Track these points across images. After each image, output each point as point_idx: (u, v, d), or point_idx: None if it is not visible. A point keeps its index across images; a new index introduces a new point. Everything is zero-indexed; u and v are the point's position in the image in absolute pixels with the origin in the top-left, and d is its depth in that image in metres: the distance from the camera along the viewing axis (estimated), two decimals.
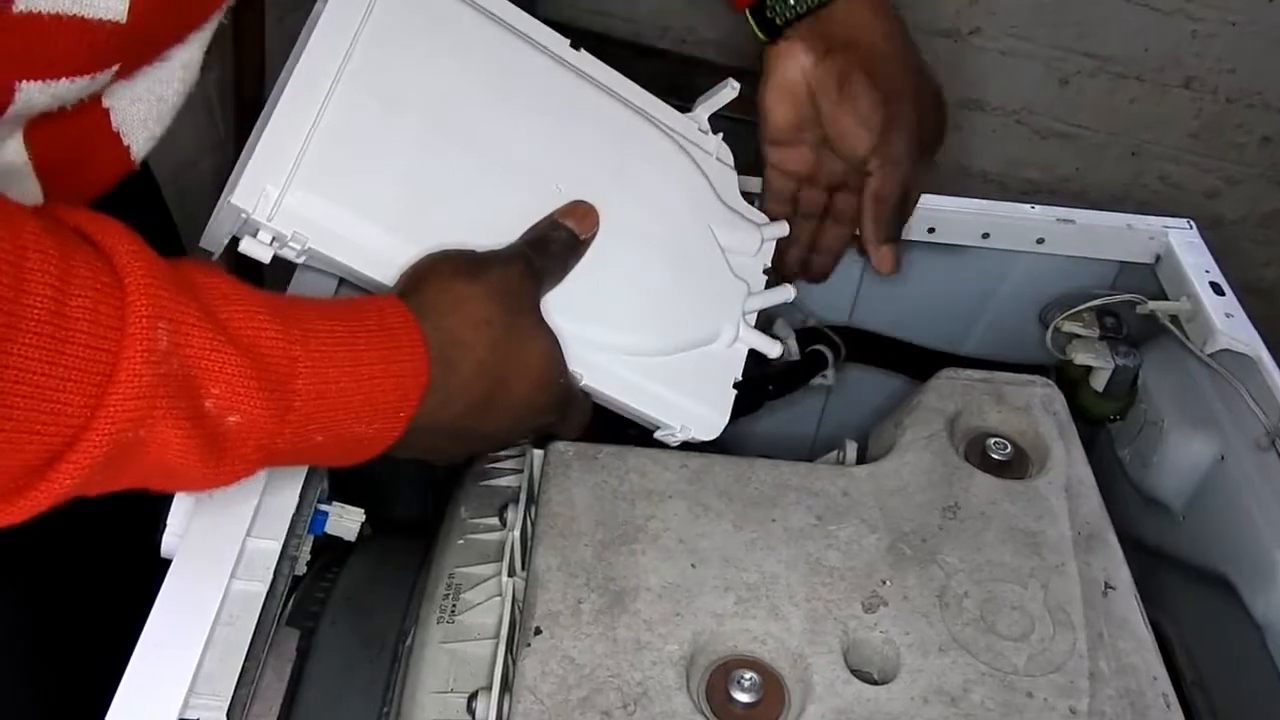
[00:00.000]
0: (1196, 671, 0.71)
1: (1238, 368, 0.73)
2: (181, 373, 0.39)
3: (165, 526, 0.52)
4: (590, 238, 0.61)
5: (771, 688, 0.55)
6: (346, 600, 0.71)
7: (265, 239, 0.54)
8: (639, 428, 0.68)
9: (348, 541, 0.61)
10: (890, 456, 0.68)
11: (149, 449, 0.40)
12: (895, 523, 0.63)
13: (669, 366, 0.65)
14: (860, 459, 0.72)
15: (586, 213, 0.61)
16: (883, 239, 0.72)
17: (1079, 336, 0.82)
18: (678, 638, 0.56)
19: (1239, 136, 1.64)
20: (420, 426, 0.50)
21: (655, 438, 0.67)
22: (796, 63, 0.67)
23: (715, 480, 0.65)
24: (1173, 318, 0.78)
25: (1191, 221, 0.84)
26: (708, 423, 0.67)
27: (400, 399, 0.48)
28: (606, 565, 0.59)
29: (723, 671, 0.56)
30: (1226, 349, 0.73)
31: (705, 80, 0.75)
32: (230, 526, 0.51)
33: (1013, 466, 0.69)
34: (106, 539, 0.68)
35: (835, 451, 0.73)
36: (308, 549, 0.58)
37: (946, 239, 0.82)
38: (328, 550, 0.72)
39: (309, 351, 0.44)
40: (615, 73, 0.67)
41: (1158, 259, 0.82)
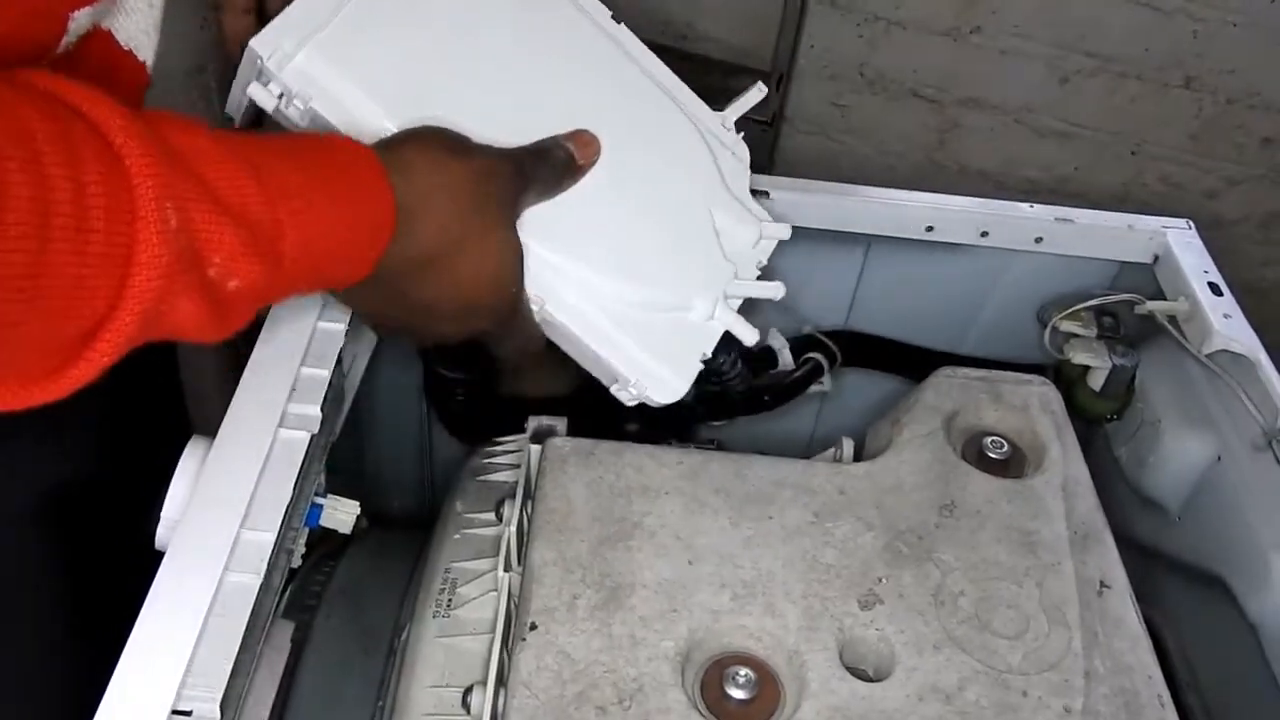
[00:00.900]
0: (1191, 671, 0.71)
1: (1235, 368, 0.73)
2: (190, 247, 0.42)
3: (159, 518, 0.52)
4: (587, 166, 0.62)
5: (767, 684, 0.55)
6: (342, 593, 0.71)
7: (274, 90, 0.56)
8: (637, 423, 0.68)
9: (344, 535, 0.61)
10: (887, 455, 0.68)
11: (166, 318, 0.42)
12: (892, 521, 0.63)
13: (638, 321, 0.65)
14: (857, 457, 0.72)
15: (589, 142, 0.62)
16: None
17: (1077, 336, 0.82)
18: (673, 634, 0.56)
19: (1239, 137, 1.63)
20: (378, 273, 0.52)
21: (611, 393, 0.66)
22: None
23: (712, 477, 0.65)
24: (1171, 318, 0.78)
25: (1191, 222, 0.84)
26: (666, 385, 0.66)
27: (369, 245, 0.51)
28: (602, 561, 0.59)
29: (718, 668, 0.56)
30: (1224, 349, 0.73)
31: (705, 77, 0.75)
32: (225, 518, 0.51)
33: (1009, 465, 0.69)
34: (100, 531, 0.68)
35: (832, 449, 0.73)
36: (303, 541, 0.58)
37: (945, 237, 0.82)
38: (324, 543, 0.72)
39: (292, 213, 0.46)
40: (651, 54, 0.69)
41: (1156, 259, 0.82)
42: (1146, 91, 1.63)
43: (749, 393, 0.84)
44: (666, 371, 0.65)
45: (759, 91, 0.72)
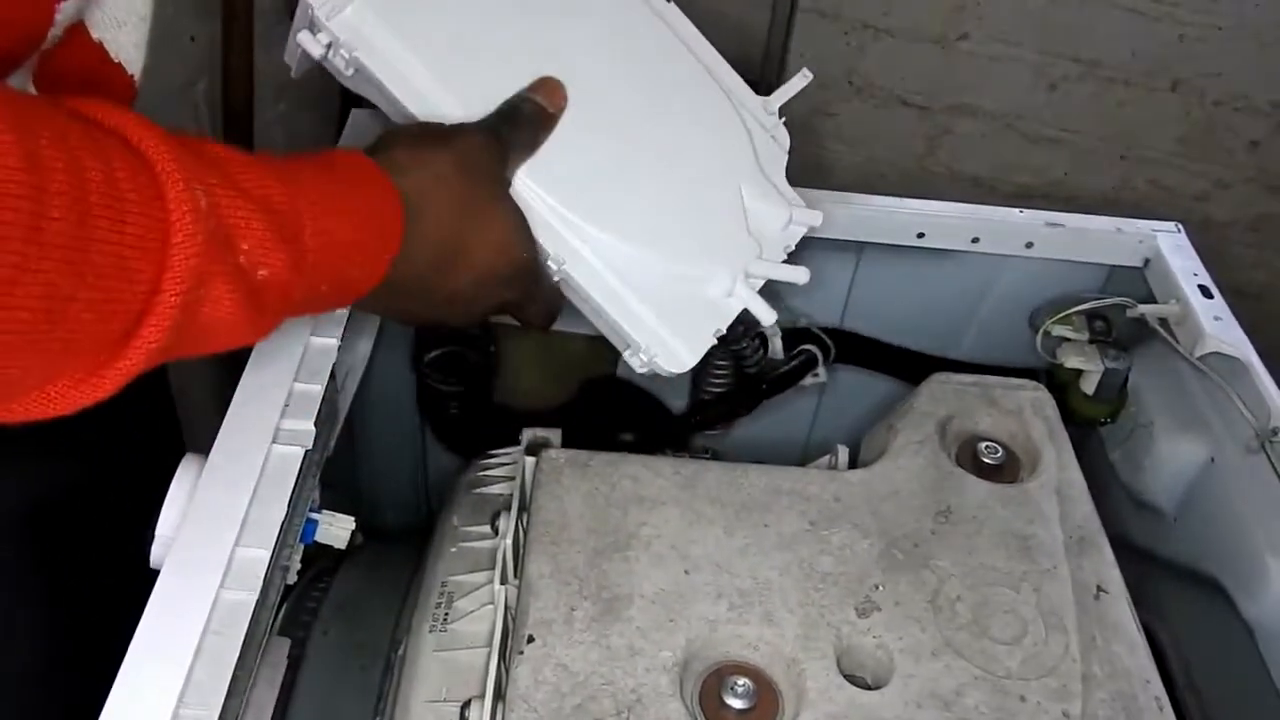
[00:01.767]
0: (1188, 674, 0.71)
1: (1227, 370, 0.73)
2: (220, 231, 0.42)
3: (155, 536, 0.51)
4: (559, 113, 0.62)
5: (765, 693, 0.55)
6: (338, 609, 0.71)
7: (323, 40, 0.58)
8: (632, 433, 0.68)
9: (339, 550, 0.61)
10: (882, 461, 0.68)
11: (204, 307, 0.42)
12: (888, 527, 0.63)
13: (656, 288, 0.65)
14: (852, 464, 0.72)
15: (555, 88, 0.62)
16: None
17: (1069, 340, 0.82)
18: (671, 644, 0.56)
19: (1227, 140, 1.64)
20: (391, 279, 0.52)
21: (624, 358, 0.66)
22: None
23: (707, 486, 0.65)
24: (1162, 321, 0.78)
25: (1180, 225, 0.84)
26: (677, 356, 0.66)
27: (384, 241, 0.51)
28: (599, 572, 0.59)
29: (716, 677, 0.56)
30: (1215, 352, 0.73)
31: None
32: (220, 535, 0.51)
33: (1004, 470, 0.69)
34: (95, 548, 0.68)
35: (827, 456, 0.73)
36: (298, 558, 0.58)
37: (936, 244, 0.82)
38: (320, 559, 0.72)
39: (310, 205, 0.47)
40: (698, 34, 0.70)
41: (1147, 262, 0.83)
42: (1134, 96, 1.64)
43: (747, 381, 0.84)
44: (679, 343, 0.65)
45: (803, 78, 0.72)
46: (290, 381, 0.58)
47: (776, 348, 0.83)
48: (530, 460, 0.66)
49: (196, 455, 0.54)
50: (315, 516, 0.59)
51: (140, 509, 0.52)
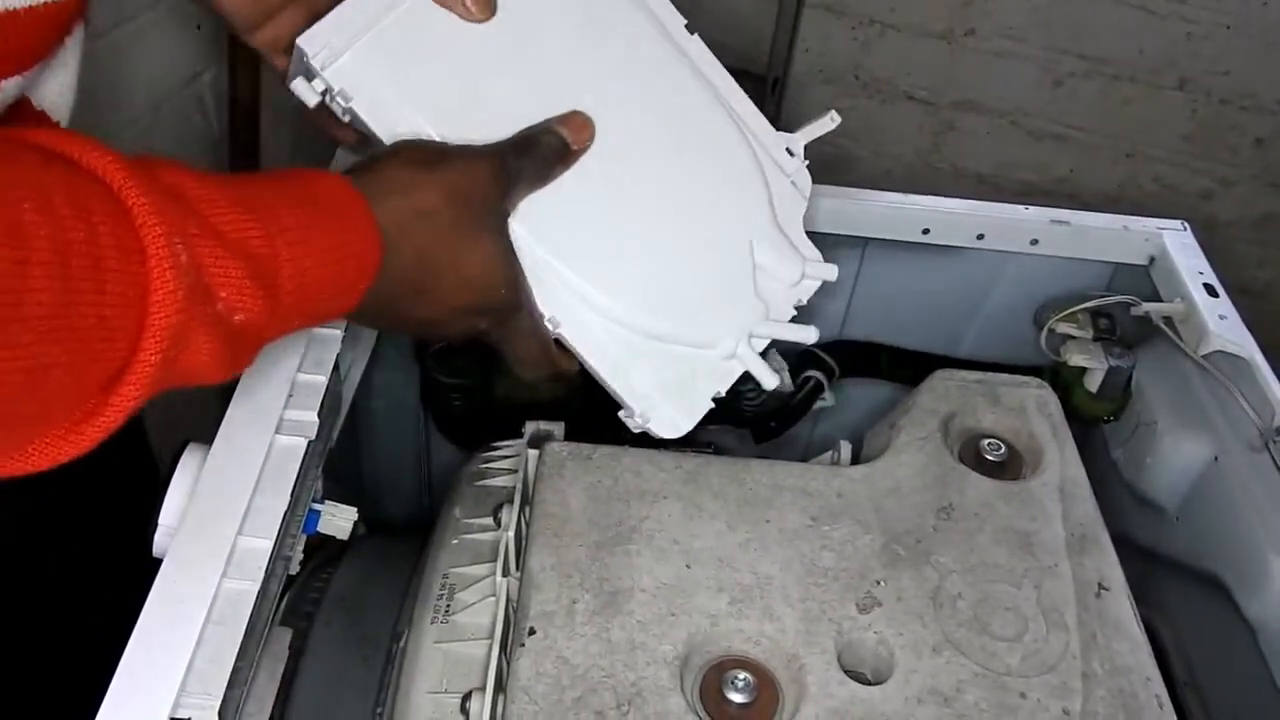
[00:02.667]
0: (1189, 672, 0.71)
1: (1231, 369, 0.73)
2: (200, 283, 0.42)
3: (157, 525, 0.51)
4: (581, 150, 0.61)
5: (765, 688, 0.55)
6: (340, 600, 0.71)
7: (317, 87, 0.57)
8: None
9: (341, 541, 0.61)
10: (885, 457, 0.68)
11: (185, 358, 0.42)
12: (889, 524, 0.63)
13: (653, 352, 0.63)
14: (855, 460, 0.72)
15: (583, 124, 0.60)
16: None
17: (1073, 338, 0.82)
18: (672, 638, 0.56)
19: (1233, 138, 1.64)
20: (362, 305, 0.52)
21: (618, 414, 0.65)
22: None
23: (710, 481, 0.65)
24: (1166, 319, 0.78)
25: (1186, 223, 0.84)
26: (671, 423, 0.65)
27: (358, 276, 0.51)
28: (601, 566, 0.59)
29: (717, 672, 0.56)
30: (1220, 350, 0.73)
31: None
32: (222, 525, 0.51)
33: (1007, 468, 0.69)
34: (98, 538, 0.68)
35: (830, 452, 0.73)
36: (300, 548, 0.58)
37: (941, 240, 0.82)
38: (322, 549, 0.72)
39: (289, 246, 0.46)
40: (722, 69, 0.67)
41: (1152, 260, 0.82)
42: (1140, 93, 1.63)
43: (754, 420, 0.84)
44: (674, 410, 0.64)
45: (831, 121, 0.69)
46: (294, 372, 0.58)
47: (786, 381, 0.81)
48: (533, 453, 0.66)
49: (200, 445, 0.54)
50: (318, 507, 0.59)
51: (143, 498, 0.53)
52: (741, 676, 0.55)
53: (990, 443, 0.69)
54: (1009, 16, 1.60)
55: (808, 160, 0.69)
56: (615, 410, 0.64)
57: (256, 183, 0.49)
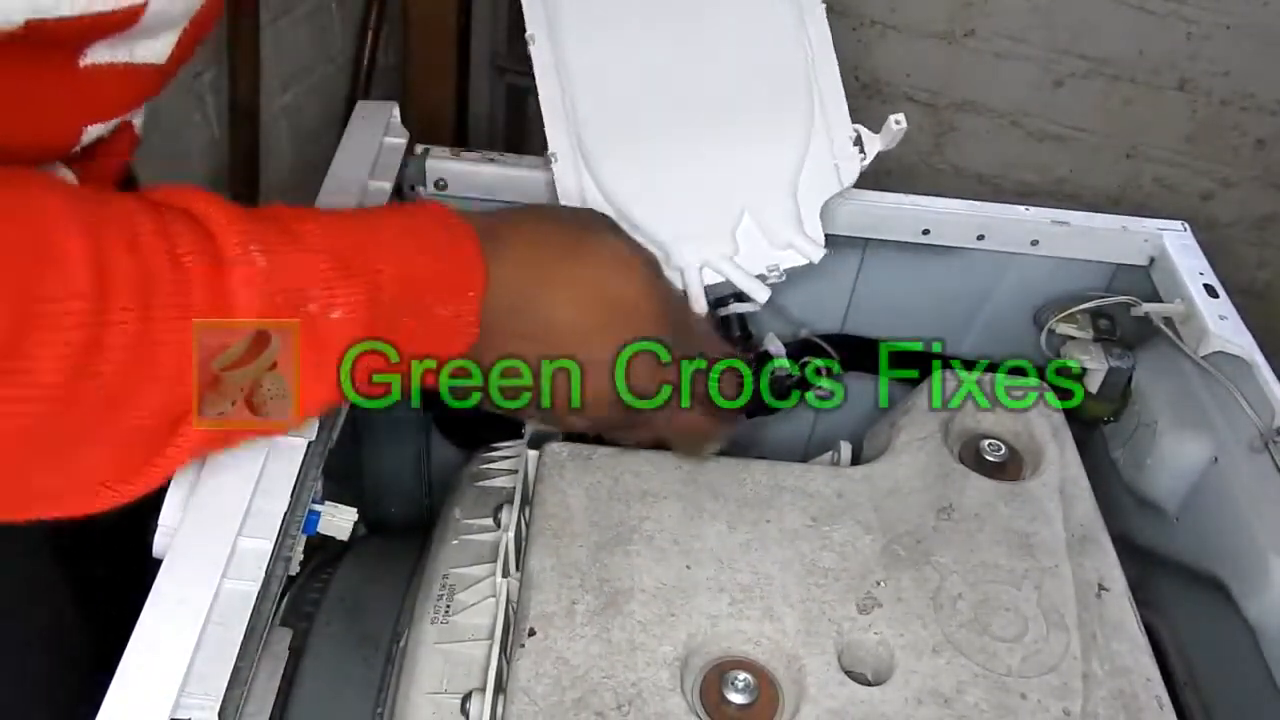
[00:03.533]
0: (1190, 673, 0.71)
1: (1231, 370, 0.73)
2: (283, 287, 0.43)
3: (157, 526, 0.51)
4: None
5: (765, 689, 0.55)
6: (340, 600, 0.71)
7: None
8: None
9: (342, 541, 0.61)
10: (885, 458, 0.68)
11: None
12: (890, 524, 0.63)
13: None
14: (855, 460, 0.72)
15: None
16: None
17: (1073, 338, 0.82)
18: (672, 639, 0.56)
19: (1233, 139, 1.64)
20: (489, 323, 0.51)
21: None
22: None
23: (710, 481, 0.65)
24: (1167, 320, 0.78)
25: (1186, 224, 0.84)
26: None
27: (467, 275, 0.50)
28: (601, 566, 0.59)
29: (717, 673, 0.56)
30: (1220, 351, 0.73)
31: None
32: (222, 526, 0.51)
33: (1007, 468, 0.69)
34: (97, 539, 0.68)
35: (830, 453, 0.73)
36: (300, 549, 0.58)
37: (941, 240, 0.82)
38: (322, 550, 0.72)
39: (381, 242, 0.47)
40: (829, 45, 0.71)
41: (1152, 261, 0.82)
42: (1141, 94, 1.63)
43: (751, 402, 0.84)
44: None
45: (895, 124, 0.70)
46: None
47: (779, 350, 0.82)
48: (533, 454, 0.66)
49: None
50: (318, 508, 0.59)
51: (142, 500, 0.53)
52: (741, 677, 0.55)
53: (990, 443, 0.69)
54: (1009, 17, 1.60)
55: (865, 157, 0.71)
56: None
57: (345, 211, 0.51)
